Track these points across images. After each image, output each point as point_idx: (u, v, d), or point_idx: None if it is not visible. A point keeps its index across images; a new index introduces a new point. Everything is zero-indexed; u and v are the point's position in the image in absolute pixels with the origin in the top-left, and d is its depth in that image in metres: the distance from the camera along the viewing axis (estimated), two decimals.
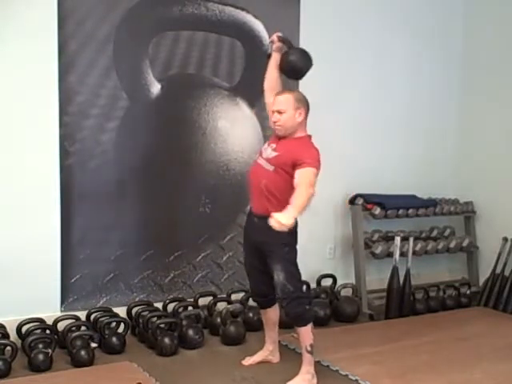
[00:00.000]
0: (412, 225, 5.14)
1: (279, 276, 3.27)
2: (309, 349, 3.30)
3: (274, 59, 3.50)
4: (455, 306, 4.88)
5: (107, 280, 4.09)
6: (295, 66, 3.48)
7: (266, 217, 3.09)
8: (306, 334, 3.30)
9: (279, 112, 3.28)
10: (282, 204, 3.13)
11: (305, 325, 3.30)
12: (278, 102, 3.32)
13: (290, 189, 3.17)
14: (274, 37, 3.51)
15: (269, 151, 3.33)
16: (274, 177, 3.25)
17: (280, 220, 2.90)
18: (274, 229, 2.95)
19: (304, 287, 3.86)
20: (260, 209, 3.31)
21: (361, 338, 4.14)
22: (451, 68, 5.45)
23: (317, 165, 3.19)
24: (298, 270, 3.36)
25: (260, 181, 3.30)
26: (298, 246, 3.40)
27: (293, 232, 3.26)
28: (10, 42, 3.69)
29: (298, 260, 3.39)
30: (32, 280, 3.80)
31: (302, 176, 3.13)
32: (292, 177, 3.18)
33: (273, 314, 3.57)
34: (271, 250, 3.30)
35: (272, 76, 3.52)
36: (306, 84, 4.62)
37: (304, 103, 3.33)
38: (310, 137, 3.36)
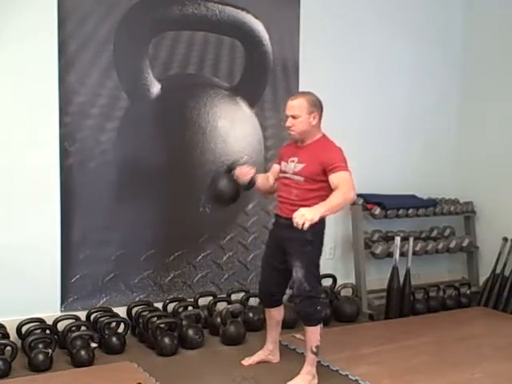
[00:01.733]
0: (412, 225, 5.14)
1: (298, 273, 3.26)
2: (314, 350, 3.29)
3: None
4: (455, 306, 4.88)
5: (107, 280, 4.09)
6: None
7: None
8: (314, 334, 3.29)
9: (293, 117, 3.26)
10: (313, 202, 3.18)
11: (314, 325, 3.29)
12: (291, 107, 3.28)
13: (321, 195, 3.21)
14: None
15: (292, 165, 3.30)
16: (306, 186, 3.25)
17: (305, 214, 2.93)
18: (297, 226, 2.97)
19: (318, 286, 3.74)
20: (289, 213, 3.25)
21: (361, 338, 4.14)
22: (451, 68, 5.45)
23: (346, 165, 3.21)
24: (318, 270, 3.37)
25: (291, 191, 3.30)
26: None
27: (318, 232, 3.29)
28: (10, 42, 3.69)
29: None
30: (32, 280, 3.80)
31: (340, 179, 3.15)
32: (323, 182, 3.21)
33: (277, 314, 3.56)
34: (294, 247, 3.28)
35: (265, 185, 3.52)
36: (306, 84, 4.65)
37: (318, 105, 3.31)
38: (325, 135, 3.36)
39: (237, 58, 4.45)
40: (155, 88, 4.15)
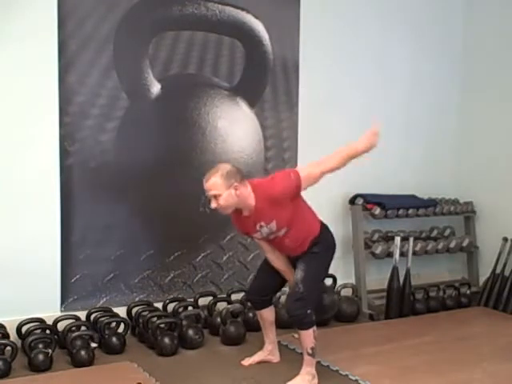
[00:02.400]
0: (412, 225, 5.14)
1: (297, 274, 3.27)
2: (309, 352, 3.28)
3: None
4: (455, 305, 4.87)
5: (107, 280, 4.09)
6: None
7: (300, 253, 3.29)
8: (307, 337, 3.27)
9: (214, 197, 3.12)
10: (308, 233, 3.28)
11: (305, 329, 3.26)
12: (208, 188, 3.14)
13: (306, 219, 3.29)
14: None
15: (266, 230, 3.22)
16: (292, 231, 3.25)
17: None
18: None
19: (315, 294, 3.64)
20: (293, 254, 3.35)
21: (361, 338, 4.14)
22: (451, 68, 5.45)
23: (293, 171, 3.21)
24: (322, 276, 3.42)
25: (283, 244, 3.30)
26: None
27: (325, 246, 3.34)
28: (10, 42, 3.69)
29: None
30: (32, 280, 3.79)
31: (309, 174, 3.15)
32: (300, 207, 3.24)
33: (269, 314, 3.56)
34: (303, 257, 3.31)
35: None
36: (306, 84, 4.65)
37: (234, 174, 3.14)
38: (252, 184, 3.20)
39: (237, 58, 4.44)
40: (155, 88, 4.15)
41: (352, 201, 4.86)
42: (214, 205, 3.15)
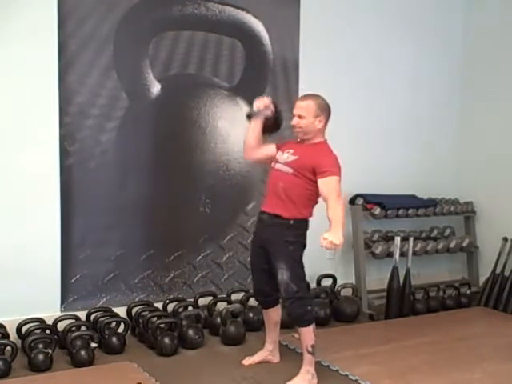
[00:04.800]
0: (412, 225, 5.14)
1: (283, 275, 3.26)
2: (310, 349, 3.29)
3: (261, 123, 3.47)
4: (455, 305, 4.88)
5: (107, 280, 4.09)
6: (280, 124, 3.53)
7: (276, 216, 3.23)
8: (307, 334, 3.29)
9: (299, 117, 3.30)
10: (297, 207, 3.23)
11: (306, 325, 3.28)
12: (299, 107, 3.33)
13: (307, 194, 3.25)
14: (269, 103, 3.44)
15: (286, 156, 3.34)
16: (293, 180, 3.26)
17: (333, 240, 2.98)
18: (279, 227, 3.11)
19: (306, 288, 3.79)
20: (273, 209, 3.32)
21: (361, 338, 4.14)
22: (451, 69, 5.45)
23: (338, 171, 3.22)
24: (303, 269, 3.36)
25: (278, 184, 3.31)
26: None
27: (300, 232, 3.30)
28: (10, 42, 3.69)
29: None
30: (32, 280, 3.80)
31: (328, 186, 3.16)
32: (310, 181, 3.23)
33: (274, 314, 3.56)
34: (276, 249, 3.29)
35: (259, 138, 3.50)
36: (306, 84, 4.64)
37: (325, 110, 3.33)
38: (326, 141, 3.38)
39: (237, 58, 4.45)
40: (155, 88, 4.15)
41: (352, 201, 4.86)
42: (294, 122, 3.31)
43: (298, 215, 3.28)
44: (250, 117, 3.51)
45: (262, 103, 3.43)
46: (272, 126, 3.48)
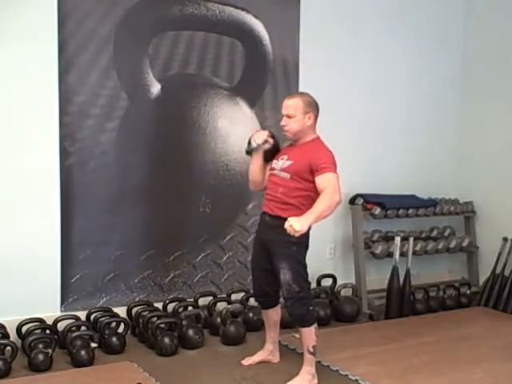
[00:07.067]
0: (412, 225, 5.14)
1: (285, 275, 3.25)
2: (311, 350, 3.29)
3: (261, 156, 3.45)
4: (455, 306, 4.88)
5: (107, 280, 4.09)
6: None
7: (278, 217, 3.21)
8: (309, 335, 3.28)
9: (288, 116, 3.29)
10: (298, 209, 3.21)
11: (307, 326, 3.28)
12: (287, 106, 3.31)
13: (306, 195, 3.24)
14: (268, 138, 3.40)
15: (281, 162, 3.33)
16: (291, 184, 3.26)
17: (293, 225, 2.95)
18: (283, 228, 3.00)
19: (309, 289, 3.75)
20: (275, 211, 3.32)
21: (361, 338, 4.14)
22: (451, 68, 5.45)
23: (334, 168, 3.21)
24: (305, 270, 3.35)
25: (277, 189, 3.31)
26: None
27: (303, 237, 3.26)
28: (10, 42, 3.69)
29: None
30: (32, 280, 3.80)
31: (325, 182, 3.15)
32: (308, 182, 3.22)
33: (274, 314, 3.56)
34: (278, 249, 3.28)
35: (262, 169, 3.47)
36: (305, 84, 4.64)
37: (313, 106, 3.33)
38: (319, 137, 3.38)
39: (237, 58, 4.45)
40: (155, 88, 4.15)
41: (352, 201, 4.86)
42: (283, 123, 3.31)
43: (300, 215, 3.27)
44: (250, 153, 3.49)
45: (261, 138, 3.40)
46: (272, 155, 3.46)
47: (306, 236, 3.29)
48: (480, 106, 5.34)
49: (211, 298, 4.27)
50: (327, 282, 4.66)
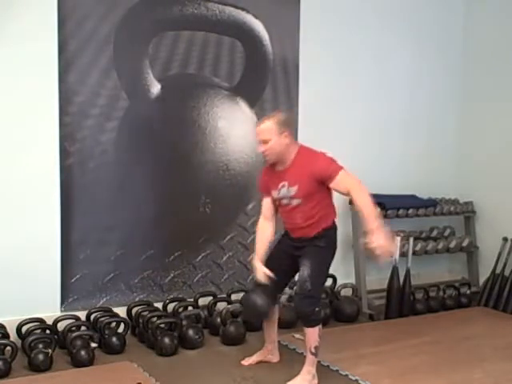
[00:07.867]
0: (412, 225, 5.13)
1: (304, 271, 3.25)
2: (313, 351, 3.29)
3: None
4: (455, 306, 4.88)
5: (107, 280, 4.10)
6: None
7: (306, 238, 3.28)
8: (312, 335, 3.28)
9: (264, 141, 3.23)
10: (322, 220, 3.27)
11: (312, 326, 3.27)
12: (260, 131, 3.26)
13: (321, 202, 3.26)
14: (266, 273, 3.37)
15: (285, 190, 3.28)
16: (306, 208, 3.25)
17: (382, 245, 3.02)
18: (309, 241, 3.20)
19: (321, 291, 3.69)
20: (300, 234, 3.33)
21: (361, 338, 4.14)
22: (451, 68, 5.45)
23: (336, 164, 3.21)
24: (326, 273, 3.39)
25: (295, 217, 3.30)
26: None
27: (331, 238, 3.35)
28: (10, 42, 3.69)
29: None
30: (32, 280, 3.80)
31: (343, 184, 3.17)
32: (319, 190, 3.22)
33: (271, 314, 3.56)
34: (307, 250, 3.30)
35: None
36: (306, 84, 4.65)
37: (287, 123, 3.28)
38: (302, 145, 3.32)
39: (237, 58, 4.45)
40: (155, 88, 4.15)
41: (352, 201, 4.85)
42: (261, 149, 3.25)
43: (325, 225, 3.30)
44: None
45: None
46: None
47: (334, 241, 3.36)
48: (480, 106, 5.34)
49: (211, 297, 4.27)
50: (327, 282, 4.64)
